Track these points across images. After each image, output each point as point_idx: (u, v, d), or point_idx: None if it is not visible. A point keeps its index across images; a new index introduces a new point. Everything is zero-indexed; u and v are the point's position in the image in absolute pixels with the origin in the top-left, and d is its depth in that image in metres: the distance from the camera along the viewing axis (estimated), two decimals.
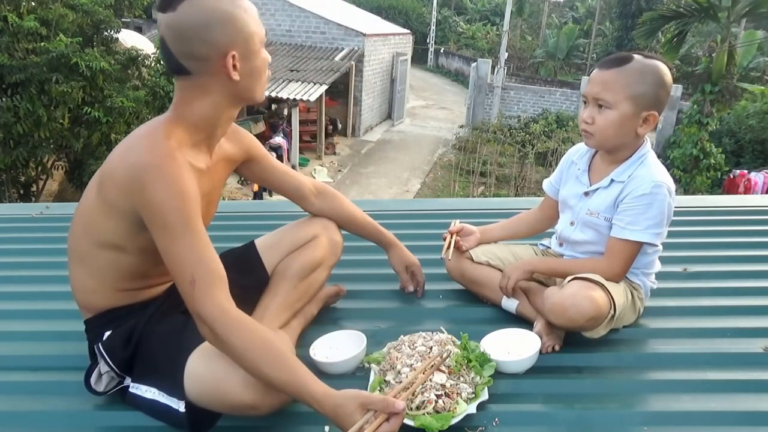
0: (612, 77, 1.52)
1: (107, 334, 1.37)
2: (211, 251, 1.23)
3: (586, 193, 1.66)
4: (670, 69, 1.55)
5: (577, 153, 1.75)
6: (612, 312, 1.52)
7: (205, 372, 1.24)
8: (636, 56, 1.53)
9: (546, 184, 1.85)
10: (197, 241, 1.21)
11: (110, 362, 1.33)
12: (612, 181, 1.60)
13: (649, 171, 1.56)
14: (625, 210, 1.56)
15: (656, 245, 1.62)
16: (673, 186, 1.58)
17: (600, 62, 1.58)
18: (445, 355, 1.39)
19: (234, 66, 1.26)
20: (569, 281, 1.55)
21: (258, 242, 1.69)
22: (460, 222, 1.87)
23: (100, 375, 1.36)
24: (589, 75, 1.63)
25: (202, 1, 1.23)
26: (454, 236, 1.82)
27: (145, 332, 1.36)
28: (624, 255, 1.58)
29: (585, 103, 1.59)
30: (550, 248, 1.83)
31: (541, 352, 1.52)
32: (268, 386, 1.21)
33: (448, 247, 1.80)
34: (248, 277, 1.62)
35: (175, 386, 1.27)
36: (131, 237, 1.28)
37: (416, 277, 1.87)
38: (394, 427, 1.14)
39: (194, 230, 1.21)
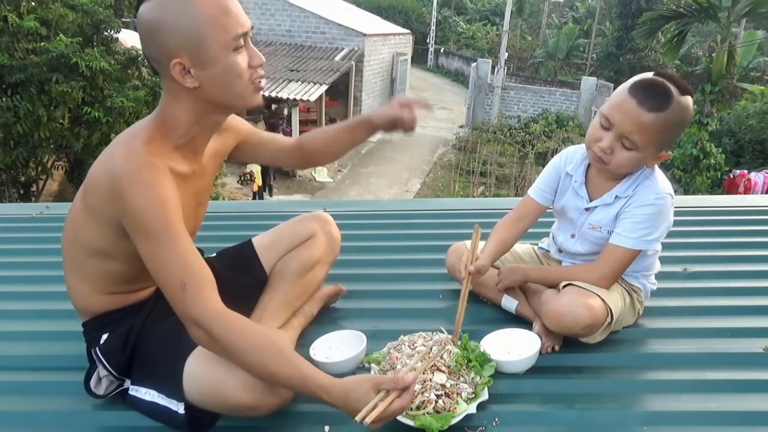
0: (649, 123, 1.41)
1: (104, 337, 1.36)
2: (197, 255, 1.21)
3: (587, 209, 1.63)
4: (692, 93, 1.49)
5: (571, 164, 1.66)
6: (609, 319, 1.52)
7: (204, 373, 1.24)
8: (673, 92, 1.41)
9: (535, 192, 1.72)
10: (182, 246, 1.18)
11: (108, 366, 1.33)
12: (616, 197, 1.57)
13: (653, 182, 1.54)
14: (625, 218, 1.54)
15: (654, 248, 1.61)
16: (673, 193, 1.57)
17: (637, 91, 1.42)
18: (446, 356, 1.39)
19: (188, 72, 1.18)
20: (564, 287, 1.55)
21: (255, 241, 1.68)
22: (473, 262, 1.58)
23: (99, 379, 1.36)
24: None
25: (159, 1, 1.16)
26: (469, 280, 1.58)
27: (142, 334, 1.35)
28: (613, 261, 1.55)
29: (604, 127, 1.47)
30: (549, 252, 1.82)
31: (540, 352, 1.52)
32: (268, 386, 1.21)
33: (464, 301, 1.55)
34: (246, 277, 1.61)
35: (174, 388, 1.26)
36: (117, 244, 1.26)
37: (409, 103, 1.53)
38: (406, 403, 1.15)
39: (177, 235, 1.18)
